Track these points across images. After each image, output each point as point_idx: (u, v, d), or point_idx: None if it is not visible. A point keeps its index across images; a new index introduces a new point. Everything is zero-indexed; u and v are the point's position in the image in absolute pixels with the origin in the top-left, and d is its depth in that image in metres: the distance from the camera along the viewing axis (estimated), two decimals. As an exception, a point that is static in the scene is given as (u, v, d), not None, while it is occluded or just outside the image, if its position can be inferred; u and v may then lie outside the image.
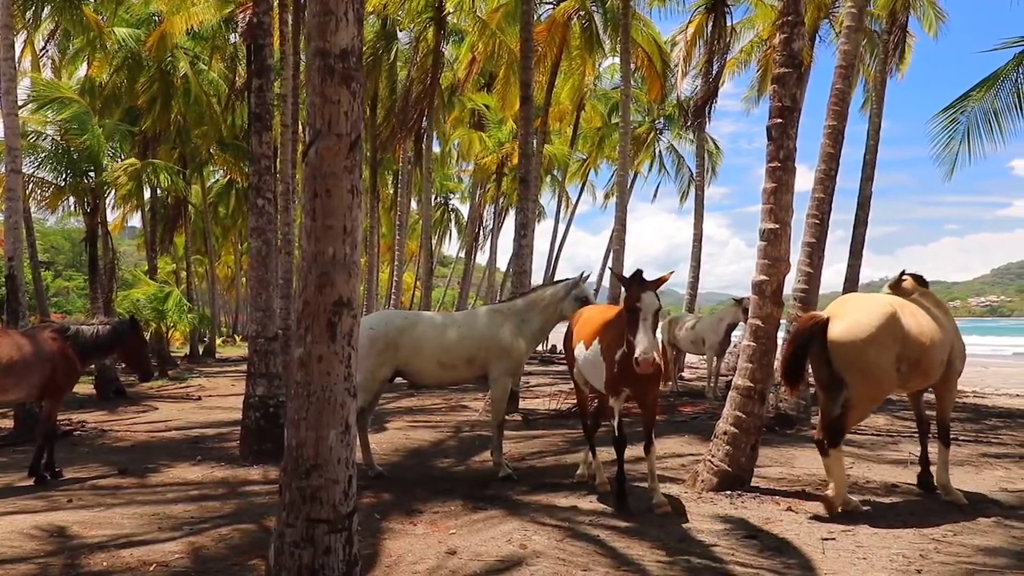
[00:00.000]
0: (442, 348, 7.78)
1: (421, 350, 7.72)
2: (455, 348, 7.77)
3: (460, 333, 7.87)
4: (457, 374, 7.93)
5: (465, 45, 22.87)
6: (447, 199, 48.99)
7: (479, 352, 7.77)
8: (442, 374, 7.88)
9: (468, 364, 7.78)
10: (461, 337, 7.84)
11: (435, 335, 7.85)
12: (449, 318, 8.32)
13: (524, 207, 13.55)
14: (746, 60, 24.12)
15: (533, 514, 6.30)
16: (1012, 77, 11.72)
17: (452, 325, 8.01)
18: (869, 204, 15.87)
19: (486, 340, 7.78)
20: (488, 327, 7.88)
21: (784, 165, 7.20)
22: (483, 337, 7.80)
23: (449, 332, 7.88)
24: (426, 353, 7.75)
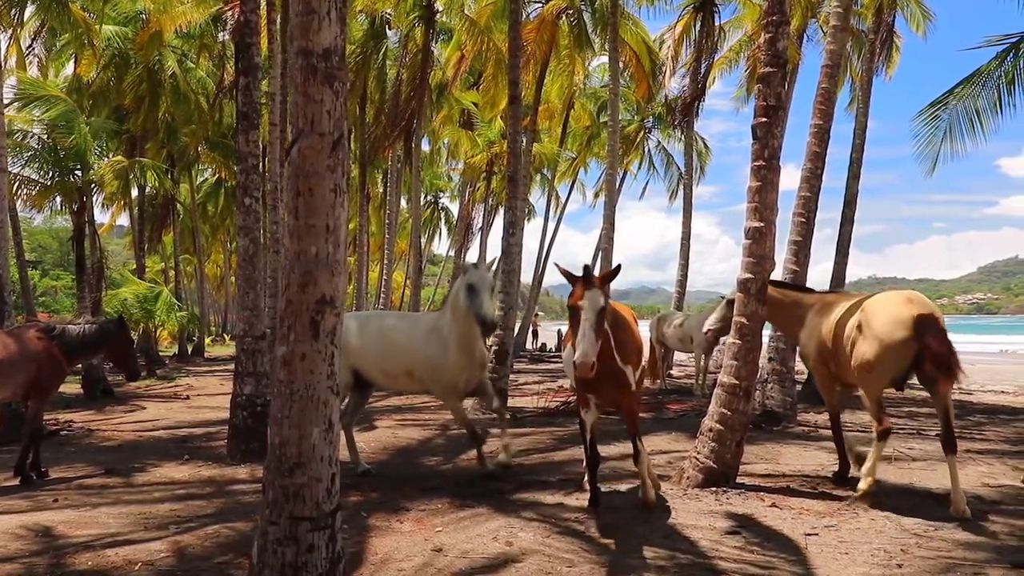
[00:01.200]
0: (383, 355, 7.14)
1: (365, 354, 7.11)
2: (396, 358, 7.15)
3: (402, 341, 7.20)
4: (403, 386, 7.42)
5: (452, 43, 22.87)
6: (436, 198, 48.97)
7: (416, 367, 7.10)
8: (392, 384, 7.36)
9: (409, 378, 7.17)
10: (402, 347, 7.16)
11: (379, 339, 7.14)
12: (404, 321, 7.68)
13: (513, 206, 13.56)
14: (734, 59, 24.19)
15: (519, 511, 6.33)
16: (994, 75, 11.78)
17: (401, 330, 7.33)
18: (855, 202, 15.96)
19: (419, 355, 7.09)
20: (423, 339, 7.15)
21: (769, 164, 7.25)
22: (416, 352, 7.11)
23: (395, 338, 7.20)
24: (370, 359, 7.14)
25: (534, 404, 13.65)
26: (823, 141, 11.83)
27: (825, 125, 11.80)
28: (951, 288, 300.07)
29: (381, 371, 7.22)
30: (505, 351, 13.11)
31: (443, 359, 7.01)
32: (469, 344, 7.00)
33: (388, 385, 7.38)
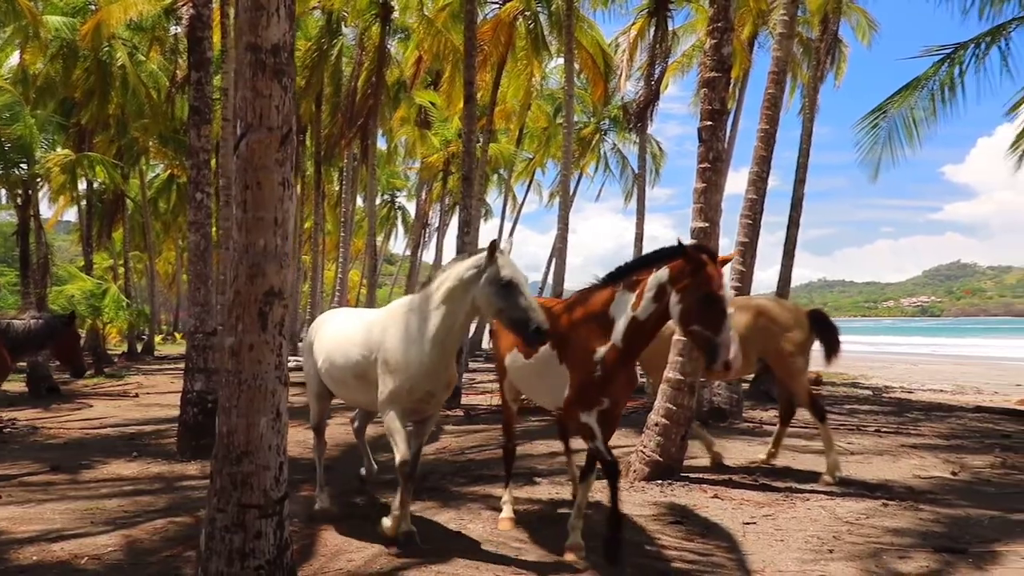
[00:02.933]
0: (330, 356, 5.69)
1: (319, 356, 5.85)
2: (345, 356, 5.52)
3: (352, 336, 5.54)
4: (354, 396, 5.73)
5: (412, 43, 22.86)
6: (393, 196, 48.81)
7: (369, 367, 5.30)
8: (343, 393, 5.82)
9: (360, 382, 5.43)
10: (352, 342, 5.49)
11: (330, 337, 5.77)
12: (362, 315, 5.93)
13: (467, 204, 13.67)
14: (688, 64, 24.60)
15: (470, 504, 6.45)
16: (930, 83, 12.23)
17: (353, 325, 5.69)
18: (801, 206, 16.40)
19: (372, 349, 5.30)
20: (380, 330, 5.35)
21: (714, 166, 7.47)
22: (368, 344, 5.34)
23: (344, 334, 5.63)
24: (322, 361, 5.81)
25: (488, 402, 13.76)
26: (769, 145, 12.16)
27: (771, 129, 12.13)
28: (897, 291, 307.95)
29: (328, 376, 5.78)
30: (460, 349, 13.18)
31: (403, 356, 5.11)
32: (449, 345, 5.15)
33: (342, 396, 5.93)
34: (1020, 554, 4.98)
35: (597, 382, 4.98)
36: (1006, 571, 4.69)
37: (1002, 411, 13.69)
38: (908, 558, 4.94)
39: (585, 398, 5.04)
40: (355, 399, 5.94)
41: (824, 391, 17.60)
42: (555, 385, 5.24)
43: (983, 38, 11.73)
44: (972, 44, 11.87)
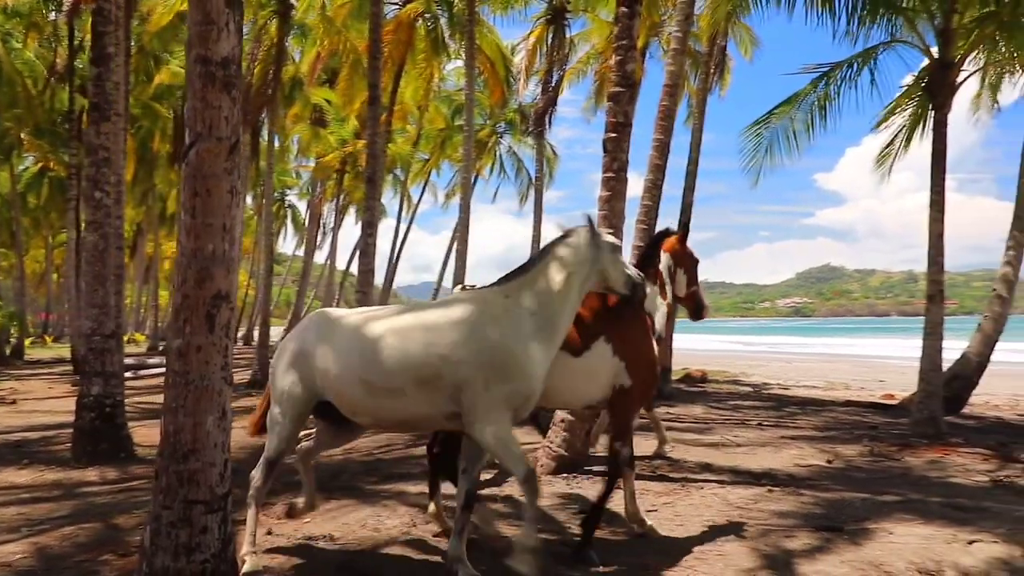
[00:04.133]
0: (368, 362, 4.47)
1: (339, 361, 4.56)
2: (403, 359, 4.42)
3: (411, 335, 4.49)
4: (399, 409, 4.52)
5: (310, 41, 22.60)
6: (283, 195, 47.76)
7: (448, 370, 4.37)
8: (377, 407, 4.54)
9: (423, 390, 4.41)
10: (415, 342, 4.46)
11: (362, 340, 4.54)
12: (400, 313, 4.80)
13: (371, 206, 13.73)
14: (583, 70, 25.39)
15: (385, 501, 6.61)
16: (808, 99, 13.22)
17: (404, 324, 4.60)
18: (691, 211, 17.27)
19: (461, 347, 4.40)
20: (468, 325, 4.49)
21: (618, 176, 7.91)
22: (455, 342, 4.41)
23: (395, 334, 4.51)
24: (341, 370, 4.55)
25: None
26: (664, 154, 12.82)
27: (666, 139, 12.80)
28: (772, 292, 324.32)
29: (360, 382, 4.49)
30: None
31: (515, 353, 4.40)
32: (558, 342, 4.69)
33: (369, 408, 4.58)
34: (888, 530, 5.61)
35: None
36: (876, 545, 5.28)
37: (869, 405, 14.93)
38: (793, 537, 5.48)
39: (647, 393, 5.24)
40: (394, 414, 4.60)
41: (709, 388, 18.62)
42: (592, 382, 5.25)
43: (855, 59, 12.76)
44: (845, 64, 12.90)
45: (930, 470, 8.24)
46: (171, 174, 33.32)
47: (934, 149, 11.53)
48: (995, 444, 9.85)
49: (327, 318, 4.91)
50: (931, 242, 11.32)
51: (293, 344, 4.87)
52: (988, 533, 5.49)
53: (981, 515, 6.08)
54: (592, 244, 4.75)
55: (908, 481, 7.63)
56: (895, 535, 5.50)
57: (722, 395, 16.66)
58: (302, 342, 4.81)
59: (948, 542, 5.33)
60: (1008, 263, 13.85)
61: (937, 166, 11.42)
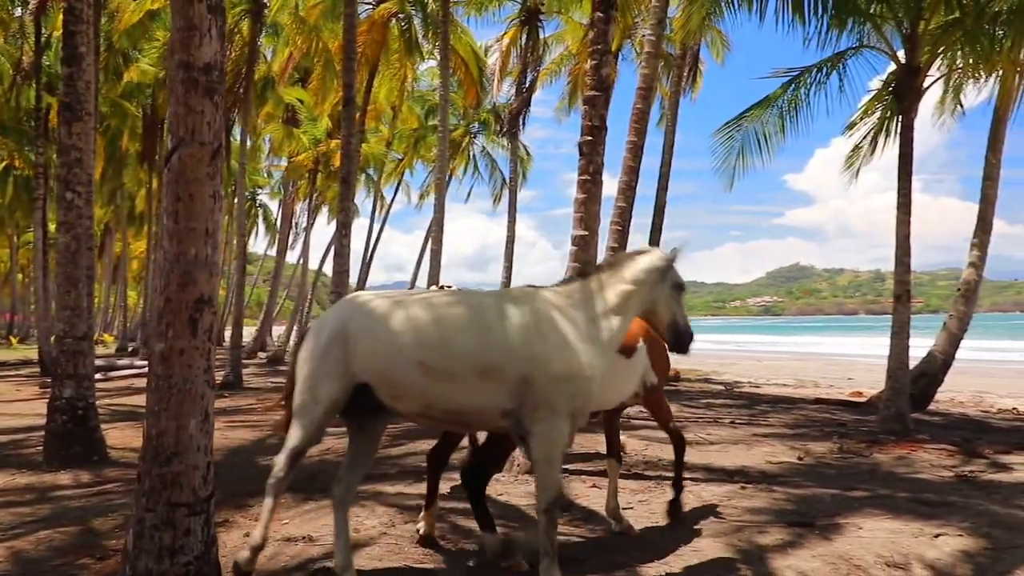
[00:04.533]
0: (423, 348, 4.35)
1: (391, 342, 4.37)
2: (464, 347, 4.36)
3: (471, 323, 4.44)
4: (458, 393, 4.38)
5: (282, 41, 22.49)
6: (254, 194, 47.36)
7: (514, 363, 4.33)
8: (428, 388, 4.36)
9: (484, 381, 4.34)
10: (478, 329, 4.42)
11: (413, 324, 4.42)
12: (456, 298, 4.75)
13: (346, 207, 13.72)
14: (557, 71, 25.53)
15: (363, 501, 6.62)
16: (779, 103, 13.46)
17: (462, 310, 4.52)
18: (664, 212, 17.48)
19: (526, 341, 4.37)
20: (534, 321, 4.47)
21: (593, 179, 8.00)
22: (521, 336, 4.39)
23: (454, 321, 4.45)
24: (400, 348, 4.35)
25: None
26: (637, 157, 12.94)
27: (639, 142, 12.92)
28: (743, 292, 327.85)
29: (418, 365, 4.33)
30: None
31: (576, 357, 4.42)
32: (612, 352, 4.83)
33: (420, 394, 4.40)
34: (857, 525, 5.76)
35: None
36: (846, 539, 5.42)
37: (838, 402, 15.20)
38: (766, 532, 5.60)
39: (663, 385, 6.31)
40: (445, 401, 4.42)
41: (682, 386, 18.81)
42: (632, 382, 5.91)
43: (824, 64, 13.02)
44: (815, 68, 13.15)
45: (897, 466, 8.44)
46: (140, 173, 32.94)
47: (901, 152, 11.79)
48: (960, 440, 10.09)
49: (367, 300, 4.67)
50: (898, 243, 11.56)
51: (328, 327, 4.53)
52: (953, 527, 5.67)
53: (946, 509, 6.26)
54: (658, 270, 4.79)
55: (876, 477, 7.82)
56: (864, 529, 5.65)
57: (695, 394, 16.86)
58: (340, 324, 4.49)
59: (915, 536, 5.50)
60: (972, 264, 14.18)
61: (904, 169, 11.68)
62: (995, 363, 30.40)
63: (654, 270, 4.78)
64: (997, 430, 11.66)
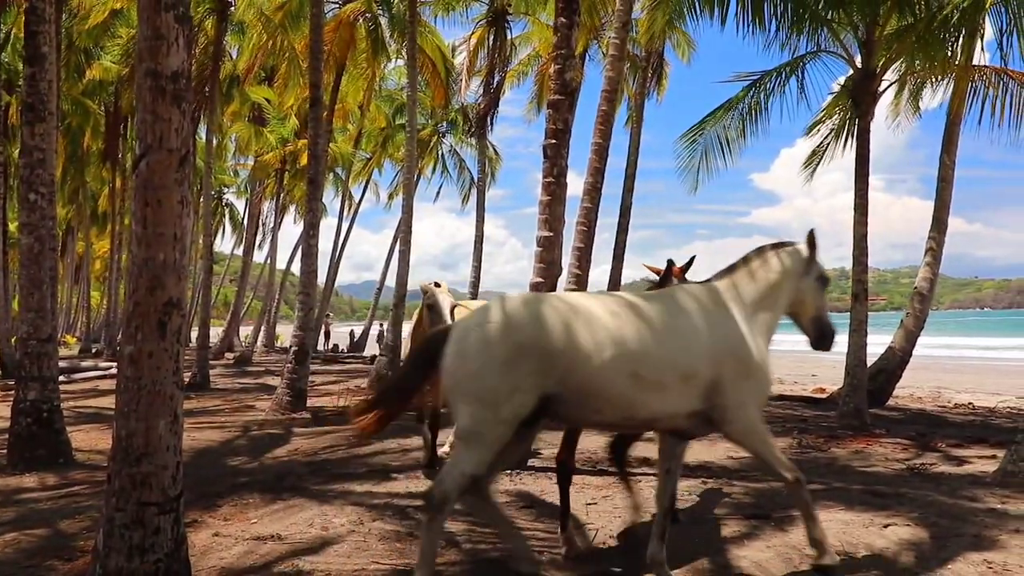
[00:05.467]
0: (636, 350, 4.19)
1: (602, 353, 4.13)
2: (672, 351, 4.28)
3: (669, 327, 4.35)
4: (662, 401, 4.28)
5: (247, 40, 22.37)
6: (221, 193, 46.95)
7: (708, 366, 4.32)
8: (636, 399, 4.24)
9: (685, 385, 4.29)
10: (678, 333, 4.35)
11: (621, 328, 4.23)
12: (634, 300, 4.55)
13: (313, 207, 13.74)
14: (525, 72, 25.67)
15: (331, 500, 6.70)
16: (741, 106, 13.74)
17: (656, 311, 4.42)
18: (630, 213, 17.71)
19: (713, 342, 4.38)
20: (717, 321, 4.50)
21: (558, 181, 8.17)
22: (709, 337, 4.39)
23: (656, 324, 4.33)
24: (613, 359, 4.14)
25: (333, 404, 13.90)
26: (603, 158, 13.15)
27: (604, 144, 13.13)
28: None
29: (631, 376, 4.18)
30: (305, 351, 13.27)
31: (758, 349, 4.49)
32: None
33: (626, 404, 4.27)
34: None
35: None
36: (800, 530, 5.57)
37: (801, 399, 15.54)
38: (725, 525, 5.79)
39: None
40: (648, 410, 4.31)
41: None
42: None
43: (784, 68, 13.32)
44: (775, 72, 13.45)
45: (853, 459, 8.71)
46: (103, 172, 32.51)
47: (857, 154, 12.11)
48: (915, 434, 10.42)
49: (548, 305, 4.33)
50: (855, 243, 11.87)
51: (511, 337, 4.09)
52: (902, 517, 5.90)
53: (897, 501, 6.50)
54: (803, 262, 4.82)
55: (833, 470, 8.07)
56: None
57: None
58: (528, 333, 4.10)
59: (865, 526, 5.72)
60: (927, 264, 14.59)
61: (860, 170, 11.99)
62: (954, 359, 31.21)
63: (799, 262, 4.82)
64: (952, 424, 12.03)
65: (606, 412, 4.30)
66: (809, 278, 4.82)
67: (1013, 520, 5.82)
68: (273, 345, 38.06)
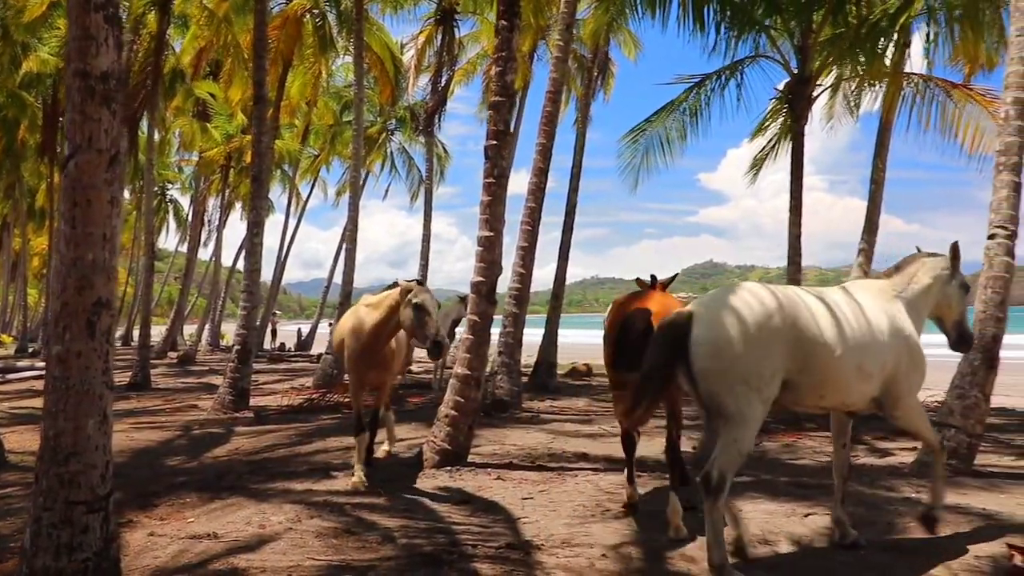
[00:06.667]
0: (865, 345, 4.76)
1: (838, 345, 4.64)
2: (879, 343, 4.85)
3: (867, 321, 4.90)
4: (866, 389, 4.87)
5: (190, 34, 22.00)
6: (164, 189, 45.99)
7: (894, 357, 4.91)
8: (853, 387, 4.80)
9: (881, 373, 4.87)
10: (876, 328, 4.90)
11: (846, 322, 4.78)
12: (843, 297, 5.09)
13: (257, 205, 13.62)
14: (473, 70, 25.72)
15: (270, 499, 6.71)
16: (682, 107, 14.05)
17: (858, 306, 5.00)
18: (575, 212, 17.89)
19: (895, 337, 4.96)
20: (891, 316, 5.07)
21: (498, 181, 8.27)
22: (893, 332, 4.97)
23: (863, 318, 4.90)
24: (847, 351, 4.66)
25: (276, 403, 13.83)
26: (547, 158, 13.32)
27: (548, 144, 13.30)
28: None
29: (857, 369, 4.73)
30: (248, 350, 13.16)
31: (919, 343, 5.15)
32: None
33: (843, 394, 4.85)
34: (738, 507, 6.21)
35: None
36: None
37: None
38: (653, 517, 5.97)
39: None
40: (853, 397, 4.88)
41: (594, 381, 19.33)
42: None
43: (723, 71, 13.65)
44: (715, 75, 13.78)
45: (783, 453, 9.03)
46: (40, 166, 31.63)
47: (793, 157, 12.48)
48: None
49: (790, 297, 4.70)
50: (790, 243, 12.25)
51: (770, 322, 4.48)
52: (823, 507, 6.17)
53: (820, 491, 6.77)
54: (950, 269, 5.41)
55: (763, 463, 8.35)
56: (744, 511, 6.09)
57: (606, 388, 17.33)
58: (782, 320, 4.52)
59: (788, 515, 5.98)
60: (859, 264, 15.10)
61: (795, 173, 12.37)
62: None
63: (946, 268, 5.41)
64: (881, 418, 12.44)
65: (828, 398, 4.84)
66: (953, 285, 5.43)
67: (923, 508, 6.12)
68: (218, 344, 37.45)
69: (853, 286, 5.35)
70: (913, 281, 5.33)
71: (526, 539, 5.43)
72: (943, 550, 5.07)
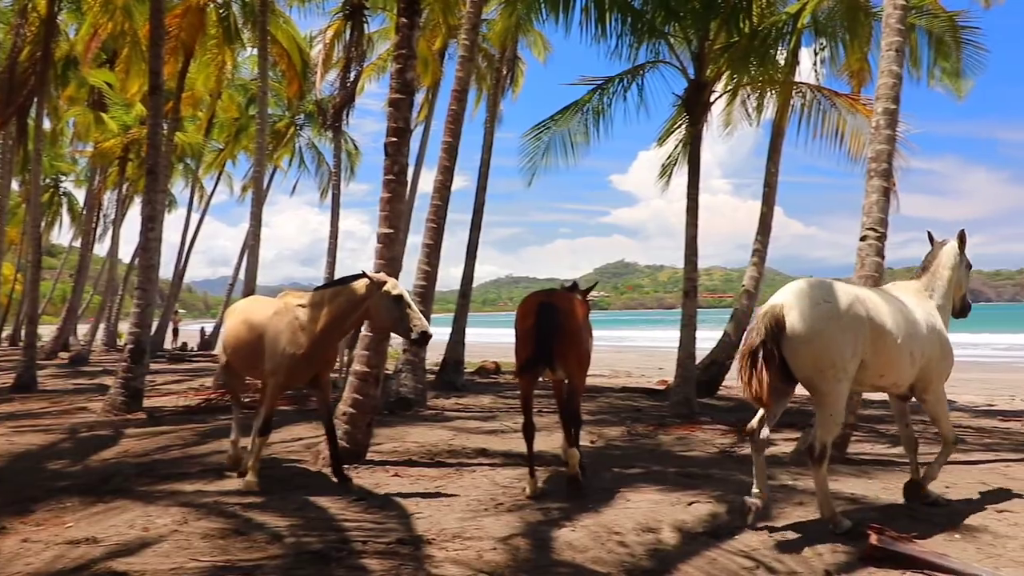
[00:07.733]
0: (914, 334, 5.72)
1: (899, 333, 5.56)
2: (917, 333, 5.77)
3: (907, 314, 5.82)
4: (910, 373, 5.80)
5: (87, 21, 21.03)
6: (57, 181, 43.74)
7: (927, 345, 5.87)
8: (904, 371, 5.72)
9: (914, 358, 5.74)
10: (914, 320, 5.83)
11: (900, 314, 5.71)
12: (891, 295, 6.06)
13: (153, 199, 13.14)
14: (384, 66, 25.48)
15: (157, 501, 6.53)
16: (587, 108, 14.29)
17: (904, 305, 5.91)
18: (483, 211, 17.97)
19: (929, 329, 5.93)
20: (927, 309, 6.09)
21: (398, 179, 8.28)
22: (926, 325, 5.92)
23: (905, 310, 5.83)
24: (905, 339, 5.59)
25: (172, 404, 13.41)
26: (452, 156, 13.36)
27: (454, 142, 13.34)
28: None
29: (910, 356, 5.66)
30: (142, 349, 12.71)
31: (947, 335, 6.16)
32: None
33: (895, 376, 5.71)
34: (627, 498, 6.45)
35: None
36: (613, 510, 6.05)
37: (642, 390, 16.38)
38: (545, 509, 6.12)
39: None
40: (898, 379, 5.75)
41: (501, 379, 19.48)
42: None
43: (625, 75, 13.96)
44: (618, 79, 14.07)
45: (676, 445, 9.34)
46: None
47: (690, 161, 12.91)
48: (735, 420, 11.23)
49: (854, 289, 5.69)
50: (687, 244, 12.67)
51: (850, 310, 5.30)
52: (706, 495, 6.45)
53: (706, 481, 7.08)
54: (962, 254, 6.39)
55: (655, 456, 8.63)
56: (631, 501, 6.30)
57: (512, 385, 17.49)
58: (861, 309, 5.37)
59: (673, 504, 6.21)
60: (754, 264, 15.73)
61: (692, 177, 12.79)
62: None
63: (958, 255, 6.40)
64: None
65: (888, 377, 5.66)
66: (963, 267, 6.44)
67: (799, 495, 6.49)
68: (114, 344, 35.85)
69: (895, 288, 6.30)
70: (937, 278, 6.27)
71: (418, 534, 5.47)
72: (812, 533, 5.37)
